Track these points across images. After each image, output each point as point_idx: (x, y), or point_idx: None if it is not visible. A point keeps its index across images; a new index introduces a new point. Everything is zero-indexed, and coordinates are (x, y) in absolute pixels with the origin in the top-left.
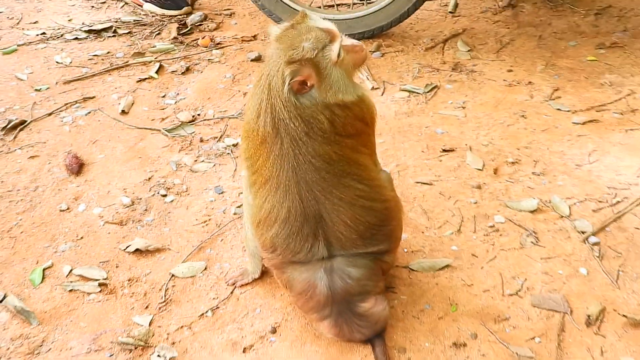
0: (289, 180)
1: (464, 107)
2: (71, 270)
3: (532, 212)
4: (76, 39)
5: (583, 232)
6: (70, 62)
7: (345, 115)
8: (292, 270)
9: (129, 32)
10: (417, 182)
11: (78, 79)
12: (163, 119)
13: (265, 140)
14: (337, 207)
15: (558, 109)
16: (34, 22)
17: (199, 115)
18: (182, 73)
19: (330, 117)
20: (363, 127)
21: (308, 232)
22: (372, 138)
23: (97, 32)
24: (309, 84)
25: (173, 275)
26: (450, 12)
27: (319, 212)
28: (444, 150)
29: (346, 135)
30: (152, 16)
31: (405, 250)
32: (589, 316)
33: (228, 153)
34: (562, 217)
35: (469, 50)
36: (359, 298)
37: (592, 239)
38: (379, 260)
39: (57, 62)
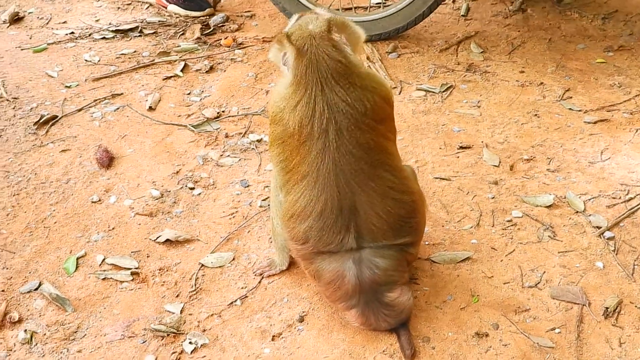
0: (328, 173)
1: (478, 106)
2: (104, 260)
3: (548, 207)
4: (104, 38)
5: (598, 227)
6: (99, 61)
7: (375, 97)
8: (321, 260)
9: (154, 32)
10: (436, 178)
11: (106, 77)
12: (189, 115)
13: (306, 141)
14: (371, 199)
15: (570, 109)
16: (63, 22)
17: (223, 112)
18: (206, 72)
19: (371, 99)
20: (389, 111)
21: (341, 225)
22: (394, 123)
23: (124, 32)
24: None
25: (202, 265)
26: (462, 15)
27: (354, 204)
28: (461, 148)
29: (379, 121)
30: (176, 17)
31: (427, 242)
32: (606, 308)
33: (252, 148)
34: (577, 212)
35: (481, 52)
36: (386, 288)
37: (607, 234)
38: (405, 252)
39: (85, 60)
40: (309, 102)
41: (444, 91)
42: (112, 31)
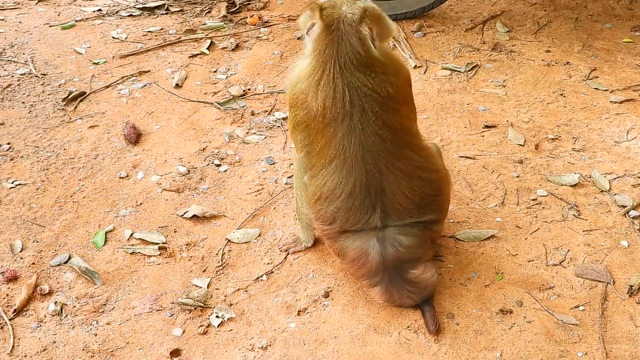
0: (356, 155)
1: (504, 86)
2: (132, 234)
3: (573, 186)
4: (130, 15)
5: (623, 206)
6: (126, 38)
7: (398, 81)
8: (345, 239)
9: (180, 10)
10: (461, 157)
11: (133, 54)
12: (215, 93)
13: (330, 123)
14: (398, 179)
15: (596, 88)
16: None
17: (249, 89)
18: (232, 50)
19: (394, 83)
20: (410, 92)
21: (369, 205)
22: (414, 103)
23: (151, 10)
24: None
25: (229, 241)
26: None
27: (381, 185)
28: (486, 127)
29: (402, 102)
30: None
31: (452, 220)
32: (631, 286)
33: (278, 126)
34: (602, 191)
35: (507, 31)
36: (409, 265)
37: (633, 213)
38: (429, 230)
39: (113, 37)
40: (329, 83)
41: (469, 70)
42: (139, 9)
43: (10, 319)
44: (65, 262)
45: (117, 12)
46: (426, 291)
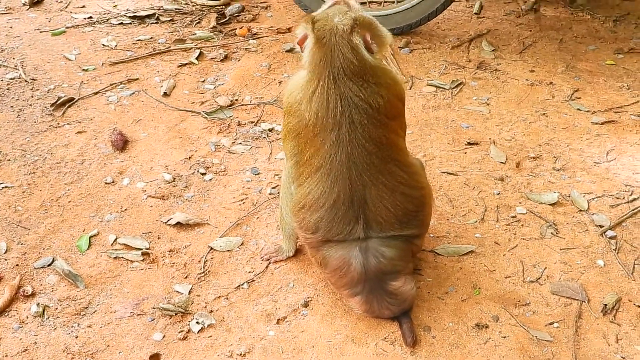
0: (341, 165)
1: (488, 104)
2: (116, 239)
3: (552, 205)
4: (121, 24)
5: (601, 226)
6: (116, 46)
7: (389, 94)
8: (328, 248)
9: (170, 20)
10: (443, 172)
11: (123, 62)
12: (202, 103)
13: (320, 132)
14: (381, 192)
15: (578, 109)
16: (82, 7)
17: (236, 100)
18: (221, 60)
19: (385, 96)
20: (401, 108)
21: (351, 216)
22: (405, 119)
23: (141, 19)
24: (372, 43)
25: (211, 249)
26: (475, 13)
27: (364, 197)
28: (469, 144)
29: (391, 117)
30: (193, 6)
31: (432, 235)
32: (605, 305)
33: (264, 137)
34: (580, 211)
35: (493, 50)
36: (390, 277)
37: (609, 233)
38: (410, 243)
39: (103, 44)
40: (323, 93)
41: (454, 87)
42: (130, 17)
43: None
44: (49, 265)
45: (107, 20)
46: (405, 304)
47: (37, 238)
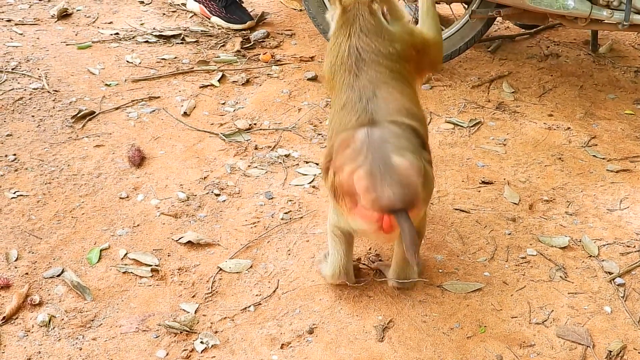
0: (351, 79)
1: (504, 144)
2: (126, 254)
3: (562, 248)
4: (147, 42)
5: (610, 273)
6: (140, 63)
7: (401, 46)
8: (337, 135)
9: (195, 41)
10: (456, 209)
11: (145, 79)
12: (221, 125)
13: (336, 75)
14: (390, 89)
15: (594, 156)
16: (109, 23)
17: (255, 124)
18: (242, 84)
19: (398, 47)
20: (414, 54)
21: (360, 108)
22: (428, 55)
23: (167, 38)
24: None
25: (220, 269)
26: (489, 51)
27: (375, 93)
28: (483, 182)
29: (405, 59)
30: (218, 29)
31: (440, 271)
32: (610, 352)
33: (280, 162)
34: (590, 256)
35: (513, 92)
36: (396, 152)
37: (618, 280)
38: (418, 137)
39: (127, 61)
40: (334, 48)
41: (472, 126)
42: (156, 36)
43: None
44: (58, 275)
45: (133, 37)
46: (407, 189)
47: (48, 248)
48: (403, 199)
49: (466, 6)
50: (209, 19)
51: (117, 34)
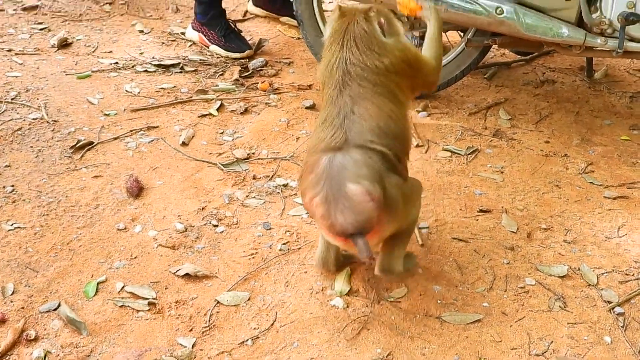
0: (335, 93)
1: (502, 172)
2: (123, 287)
3: (561, 277)
4: (146, 71)
5: (609, 302)
6: (139, 92)
7: (391, 60)
8: (310, 156)
9: (194, 70)
10: (454, 239)
11: (144, 109)
12: (220, 154)
13: (325, 85)
14: (368, 105)
15: (591, 183)
16: (109, 52)
17: (253, 154)
18: (241, 113)
19: (386, 62)
20: (408, 70)
21: (337, 124)
22: (420, 77)
23: (166, 67)
24: (385, 25)
25: (218, 302)
26: (485, 78)
27: (352, 110)
28: (481, 211)
29: (394, 72)
30: (217, 57)
31: (439, 301)
32: None
33: (278, 192)
34: (589, 285)
35: (509, 119)
36: (352, 180)
37: (618, 310)
38: (386, 161)
39: (126, 90)
40: (327, 55)
41: (469, 154)
42: (155, 65)
43: None
44: (55, 309)
45: (133, 67)
46: (360, 216)
47: (45, 281)
48: (355, 225)
49: (462, 34)
50: (208, 47)
51: (116, 63)
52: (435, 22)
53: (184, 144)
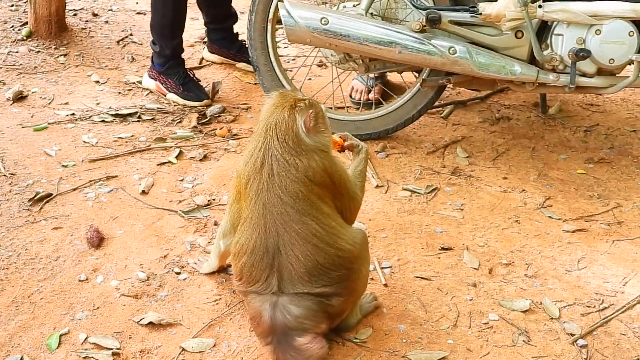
0: (259, 213)
1: (461, 209)
2: (86, 338)
3: (524, 312)
4: (103, 121)
5: (572, 335)
6: (97, 143)
7: (309, 163)
8: (251, 298)
9: (152, 119)
10: (417, 277)
11: (103, 159)
12: (180, 201)
13: (248, 181)
14: (293, 240)
15: (549, 217)
16: (65, 103)
17: (214, 200)
18: (200, 160)
19: (305, 162)
20: (329, 182)
21: (266, 263)
22: (344, 200)
23: (123, 117)
24: (311, 123)
25: (183, 349)
26: (442, 117)
27: (278, 245)
28: (443, 249)
29: (315, 182)
30: (175, 105)
31: (404, 340)
32: None
33: None
34: (552, 318)
35: (467, 157)
36: (297, 333)
37: (581, 342)
38: (324, 304)
39: (84, 141)
40: (253, 150)
41: (429, 192)
42: (112, 115)
43: None
44: None
45: (89, 117)
46: (312, 358)
47: (6, 335)
48: None
49: (417, 75)
50: (165, 95)
51: (73, 114)
52: (364, 156)
53: (143, 192)
